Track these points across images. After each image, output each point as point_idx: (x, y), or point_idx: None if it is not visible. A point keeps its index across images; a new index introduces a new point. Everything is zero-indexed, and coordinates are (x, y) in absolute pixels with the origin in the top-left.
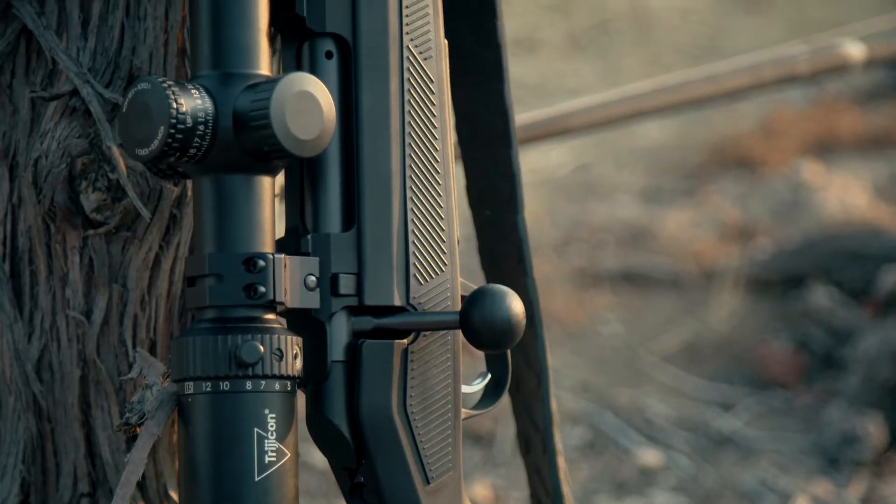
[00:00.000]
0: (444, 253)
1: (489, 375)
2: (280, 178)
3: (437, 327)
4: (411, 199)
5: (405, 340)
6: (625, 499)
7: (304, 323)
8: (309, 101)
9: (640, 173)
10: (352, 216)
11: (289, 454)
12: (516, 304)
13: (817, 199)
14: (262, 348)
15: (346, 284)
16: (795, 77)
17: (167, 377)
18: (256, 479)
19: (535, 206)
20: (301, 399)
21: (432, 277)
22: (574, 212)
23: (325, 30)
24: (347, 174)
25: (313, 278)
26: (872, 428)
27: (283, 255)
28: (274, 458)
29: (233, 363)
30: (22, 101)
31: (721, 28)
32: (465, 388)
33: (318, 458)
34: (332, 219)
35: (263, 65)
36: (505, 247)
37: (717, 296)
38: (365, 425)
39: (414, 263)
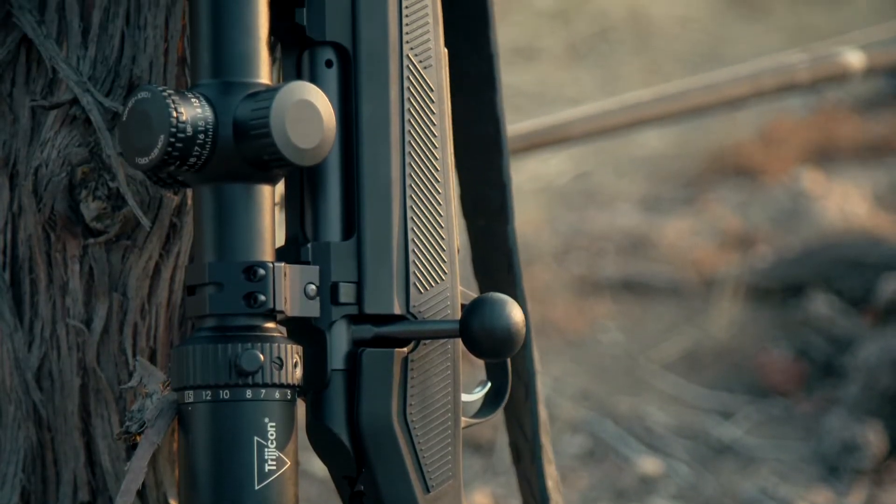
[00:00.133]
0: (444, 261)
1: (489, 384)
2: (280, 187)
3: (436, 336)
4: (411, 207)
5: (405, 349)
6: None
7: (304, 331)
8: (309, 110)
9: (639, 182)
10: (352, 225)
11: (289, 463)
12: (516, 313)
13: (817, 207)
14: (262, 357)
15: (346, 293)
16: (795, 85)
17: (167, 386)
18: (256, 487)
19: (534, 214)
20: (301, 407)
21: (432, 286)
22: (574, 220)
23: (325, 38)
24: (347, 183)
25: (313, 287)
26: (872, 436)
27: (283, 264)
28: (274, 467)
29: (233, 372)
30: (22, 109)
31: (721, 36)
32: (465, 397)
33: (318, 467)
34: (332, 227)
35: (263, 74)
36: (496, 256)
37: (716, 304)
38: (365, 434)
39: (414, 272)
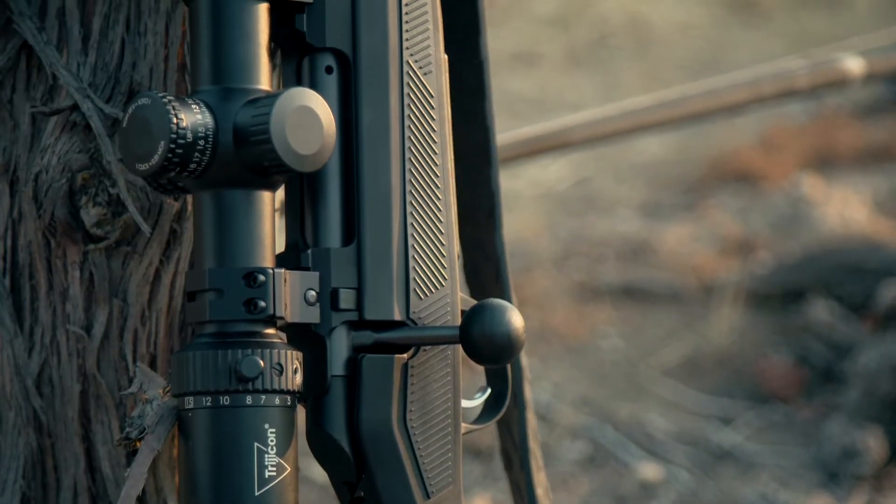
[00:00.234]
0: (444, 268)
1: (489, 390)
2: (280, 193)
3: (437, 342)
4: (411, 213)
5: (405, 355)
6: None
7: (304, 337)
8: (309, 117)
9: (639, 187)
10: (352, 231)
11: (289, 469)
12: (516, 319)
13: (817, 213)
14: (262, 363)
15: (346, 299)
16: (795, 91)
17: (167, 392)
18: (256, 493)
19: (534, 220)
20: (301, 413)
21: (432, 292)
22: (574, 226)
23: (325, 45)
24: (347, 189)
25: (313, 293)
26: (872, 442)
27: (283, 270)
28: (274, 473)
29: (233, 378)
30: (22, 116)
31: (721, 43)
32: (465, 403)
33: (318, 473)
34: (332, 233)
35: (263, 80)
36: (484, 265)
37: (717, 310)
38: (365, 440)
39: (414, 278)
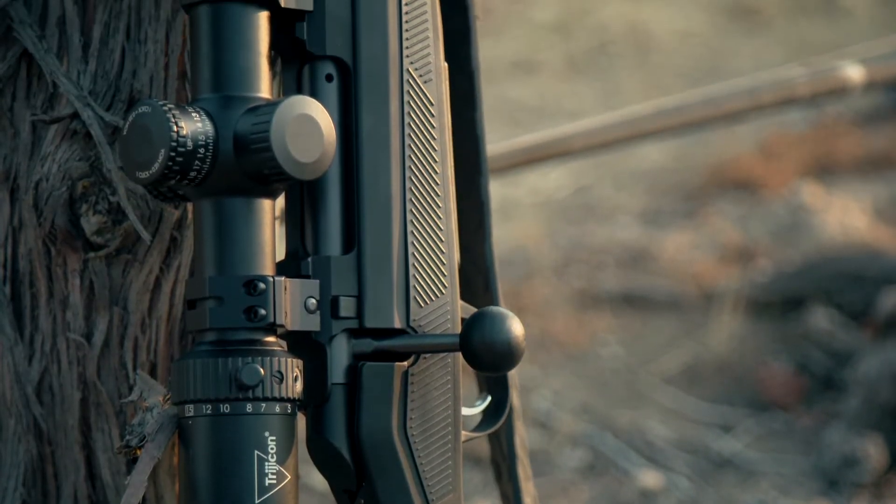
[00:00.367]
0: (444, 275)
1: (489, 398)
2: (280, 201)
3: (437, 350)
4: (411, 221)
5: (405, 363)
6: None
7: (305, 345)
8: (309, 125)
9: (639, 195)
10: (352, 239)
11: (289, 476)
12: (516, 327)
13: (817, 220)
14: (262, 371)
15: (347, 307)
16: (795, 99)
17: (167, 400)
18: (257, 501)
19: (534, 228)
20: (301, 421)
21: (432, 300)
22: (574, 234)
23: (326, 53)
24: (348, 197)
25: (313, 301)
26: (872, 450)
27: (283, 278)
28: (274, 481)
29: (233, 386)
30: (23, 124)
31: (720, 51)
32: (465, 411)
33: (319, 480)
34: (333, 241)
35: (264, 88)
36: (475, 275)
37: (716, 318)
38: (365, 447)
39: (414, 286)
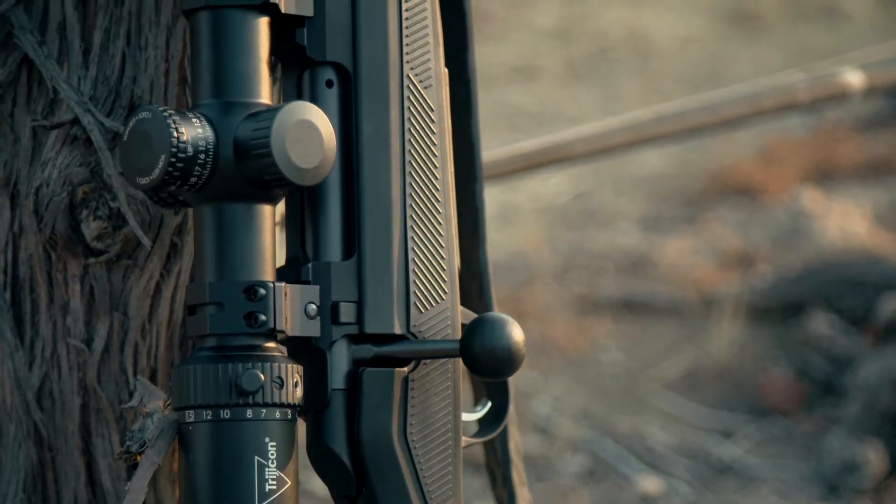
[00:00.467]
0: (444, 281)
1: (489, 403)
2: (280, 207)
3: (437, 355)
4: (412, 227)
5: (405, 368)
6: None
7: (305, 351)
8: (309, 130)
9: (639, 201)
10: (352, 244)
11: (289, 482)
12: (516, 333)
13: (817, 226)
14: (262, 376)
15: (347, 312)
16: (795, 105)
17: (168, 405)
18: None
19: (534, 233)
20: (301, 427)
21: (433, 305)
22: (574, 239)
23: (326, 58)
24: (348, 203)
25: (314, 306)
26: (872, 455)
27: (283, 284)
28: (274, 486)
29: (233, 391)
30: (23, 129)
31: (720, 56)
32: (465, 416)
33: (319, 486)
34: (333, 247)
35: (264, 93)
36: (469, 281)
37: (717, 323)
38: (365, 453)
39: (414, 291)
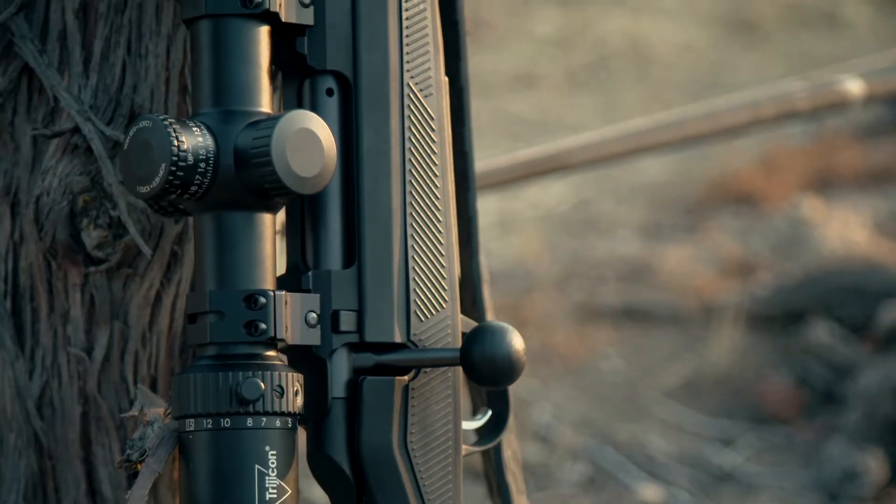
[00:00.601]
0: (444, 290)
1: (489, 412)
2: (281, 215)
3: (437, 364)
4: (412, 235)
5: (406, 377)
6: None
7: (305, 359)
8: (310, 139)
9: (640, 209)
10: (352, 253)
11: (290, 491)
12: (517, 341)
13: (817, 234)
14: (262, 385)
15: (347, 321)
16: (795, 113)
17: (168, 414)
18: None
19: (535, 241)
20: (302, 436)
21: (433, 314)
22: (574, 247)
23: (326, 67)
24: (348, 211)
25: (314, 315)
26: (873, 463)
27: (283, 292)
28: (275, 495)
29: (234, 400)
30: (24, 138)
31: (720, 64)
32: (465, 425)
33: (319, 495)
34: (333, 256)
35: (264, 102)
36: (462, 291)
37: (717, 331)
38: (366, 462)
39: (415, 300)
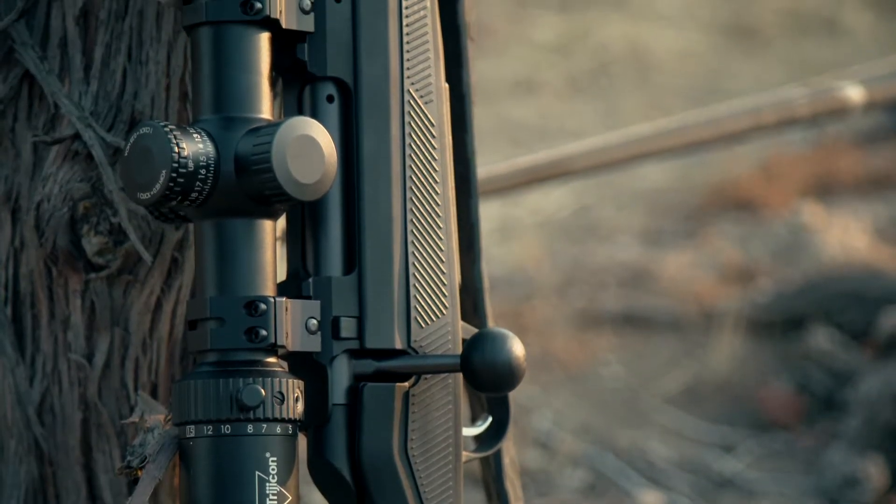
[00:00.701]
0: (444, 296)
1: (490, 418)
2: (281, 222)
3: (438, 370)
4: (412, 242)
5: (406, 383)
6: None
7: (305, 366)
8: (310, 145)
9: (640, 215)
10: (353, 259)
11: (290, 497)
12: (517, 347)
13: (817, 240)
14: (263, 391)
15: (348, 328)
16: (795, 119)
17: (168, 420)
18: None
19: (535, 248)
20: (302, 442)
21: (433, 320)
22: (575, 253)
23: (327, 74)
24: (348, 218)
25: (314, 321)
26: (873, 470)
27: (284, 299)
28: (275, 501)
29: (234, 406)
30: (24, 145)
31: (721, 71)
32: (465, 431)
33: (319, 501)
34: (334, 262)
35: (265, 109)
36: (463, 298)
37: (717, 337)
38: (366, 469)
39: (415, 306)
